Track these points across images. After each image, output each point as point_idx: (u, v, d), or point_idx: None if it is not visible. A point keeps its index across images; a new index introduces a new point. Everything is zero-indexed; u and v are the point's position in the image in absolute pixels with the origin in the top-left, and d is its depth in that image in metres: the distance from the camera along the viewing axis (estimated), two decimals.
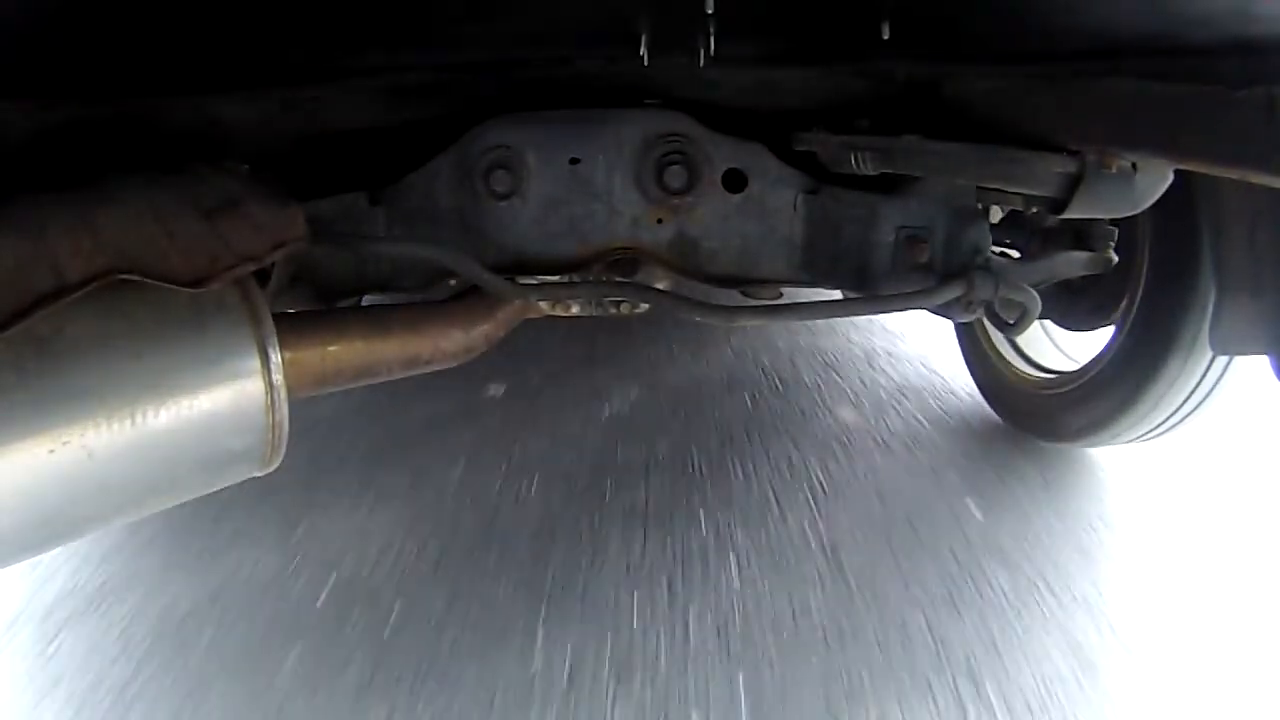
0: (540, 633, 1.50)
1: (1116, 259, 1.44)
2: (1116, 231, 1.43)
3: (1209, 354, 1.55)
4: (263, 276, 1.27)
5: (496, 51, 1.17)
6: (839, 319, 2.99)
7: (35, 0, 0.75)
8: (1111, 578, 1.63)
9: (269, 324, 0.95)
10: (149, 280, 0.84)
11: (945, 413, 2.34)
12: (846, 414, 2.34)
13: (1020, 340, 2.11)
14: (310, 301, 1.45)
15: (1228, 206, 1.29)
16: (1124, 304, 1.70)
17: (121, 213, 0.87)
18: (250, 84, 1.15)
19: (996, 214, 1.58)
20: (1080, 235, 1.43)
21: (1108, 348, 1.78)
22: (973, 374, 2.32)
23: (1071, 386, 1.88)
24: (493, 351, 1.36)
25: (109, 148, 1.11)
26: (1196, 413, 1.67)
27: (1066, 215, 1.08)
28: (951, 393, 2.45)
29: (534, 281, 1.47)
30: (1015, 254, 1.52)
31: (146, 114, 1.14)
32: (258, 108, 1.27)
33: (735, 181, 1.46)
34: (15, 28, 0.78)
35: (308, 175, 1.50)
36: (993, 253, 1.40)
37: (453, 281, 1.47)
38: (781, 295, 1.65)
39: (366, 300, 1.54)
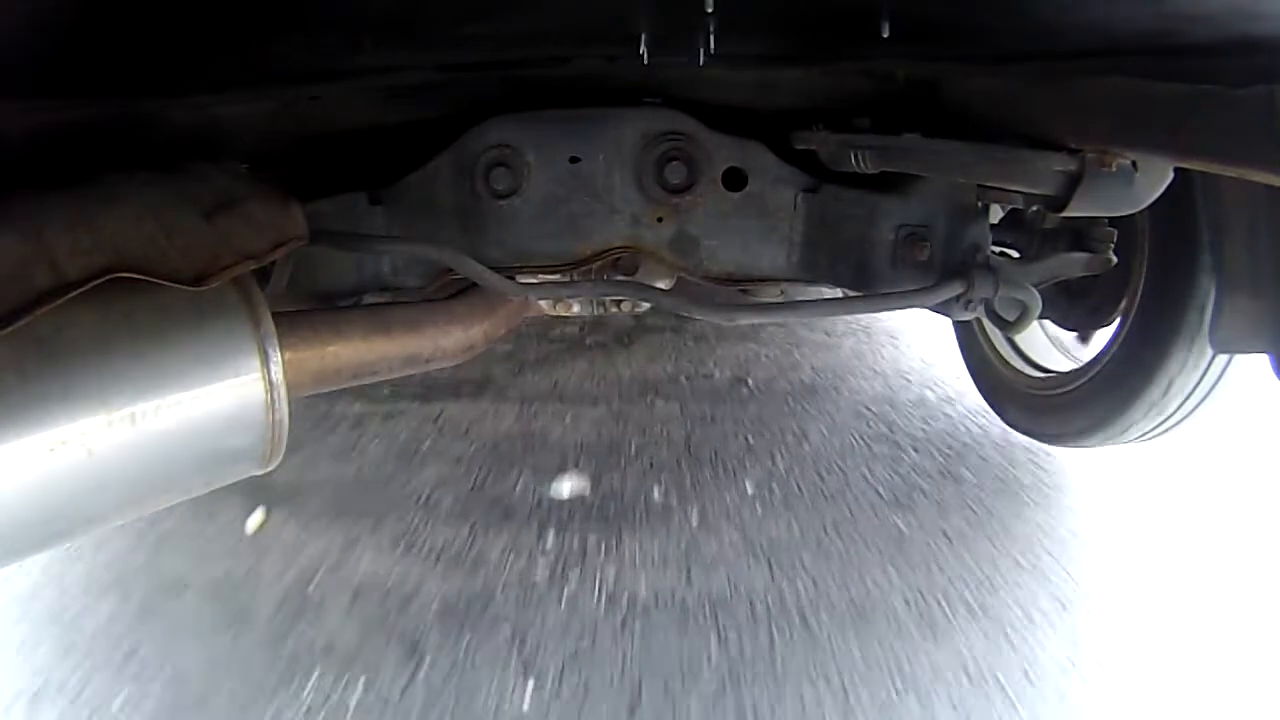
0: None
1: (1116, 260, 1.44)
2: (1116, 232, 1.43)
3: (1209, 353, 1.55)
4: (263, 276, 1.27)
5: (496, 51, 1.17)
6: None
7: (36, 1, 0.75)
8: (1101, 572, 1.63)
9: (269, 323, 0.95)
10: (149, 279, 0.84)
11: None
12: None
13: (1020, 340, 2.11)
14: (310, 301, 1.45)
15: (1228, 205, 1.29)
16: (1124, 303, 1.70)
17: (121, 212, 0.87)
18: (250, 84, 1.15)
19: (996, 214, 1.58)
20: (1080, 236, 1.43)
21: (1108, 347, 1.78)
22: (972, 374, 2.32)
23: (1072, 386, 1.88)
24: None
25: (109, 148, 1.10)
26: (1197, 412, 1.67)
27: (1066, 213, 1.08)
28: None
29: (534, 280, 1.47)
30: (1015, 255, 1.52)
31: (147, 114, 1.13)
32: (258, 108, 1.27)
33: (735, 180, 1.46)
34: (15, 28, 0.78)
35: (308, 175, 1.50)
36: (992, 253, 1.40)
37: (453, 280, 1.47)
38: (783, 293, 1.65)
39: (366, 300, 1.54)
